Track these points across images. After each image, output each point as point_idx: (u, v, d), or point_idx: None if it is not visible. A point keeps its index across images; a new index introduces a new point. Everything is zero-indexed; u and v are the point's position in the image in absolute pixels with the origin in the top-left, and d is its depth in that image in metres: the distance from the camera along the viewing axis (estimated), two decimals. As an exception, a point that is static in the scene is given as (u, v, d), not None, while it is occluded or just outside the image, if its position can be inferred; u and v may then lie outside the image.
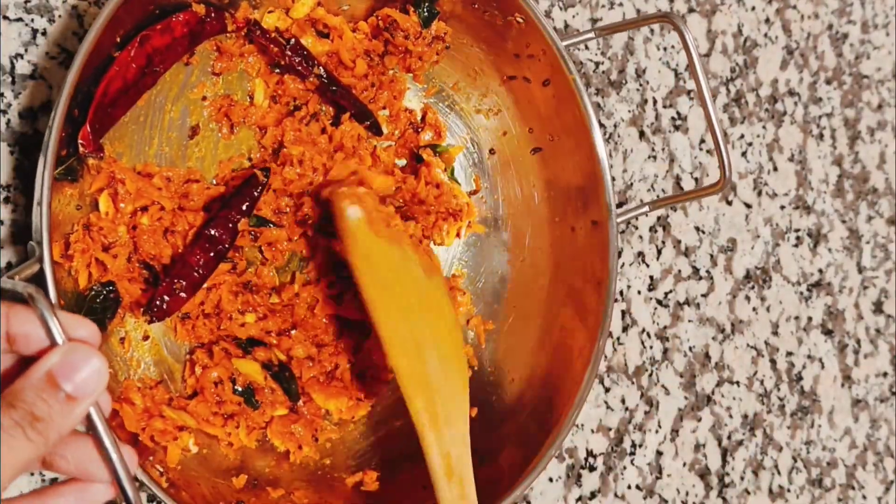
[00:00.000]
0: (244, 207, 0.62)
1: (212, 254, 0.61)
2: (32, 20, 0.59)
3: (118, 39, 0.56)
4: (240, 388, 0.63)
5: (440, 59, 0.68)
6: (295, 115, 0.64)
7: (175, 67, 0.61)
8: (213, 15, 0.60)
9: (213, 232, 0.61)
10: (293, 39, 0.63)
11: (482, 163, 0.71)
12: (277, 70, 0.64)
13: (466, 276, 0.71)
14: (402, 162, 0.69)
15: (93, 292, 0.58)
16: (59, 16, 0.60)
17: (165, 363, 0.62)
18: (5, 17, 0.58)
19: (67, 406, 0.42)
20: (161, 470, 0.58)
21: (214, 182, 0.63)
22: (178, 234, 0.61)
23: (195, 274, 0.60)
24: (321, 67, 0.64)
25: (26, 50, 0.59)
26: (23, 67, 0.58)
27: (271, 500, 0.62)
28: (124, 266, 0.59)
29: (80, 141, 0.54)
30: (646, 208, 0.69)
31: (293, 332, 0.64)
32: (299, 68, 0.63)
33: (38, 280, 0.50)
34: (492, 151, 0.71)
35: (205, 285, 0.62)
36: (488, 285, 0.72)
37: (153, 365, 0.61)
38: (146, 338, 0.61)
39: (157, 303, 0.59)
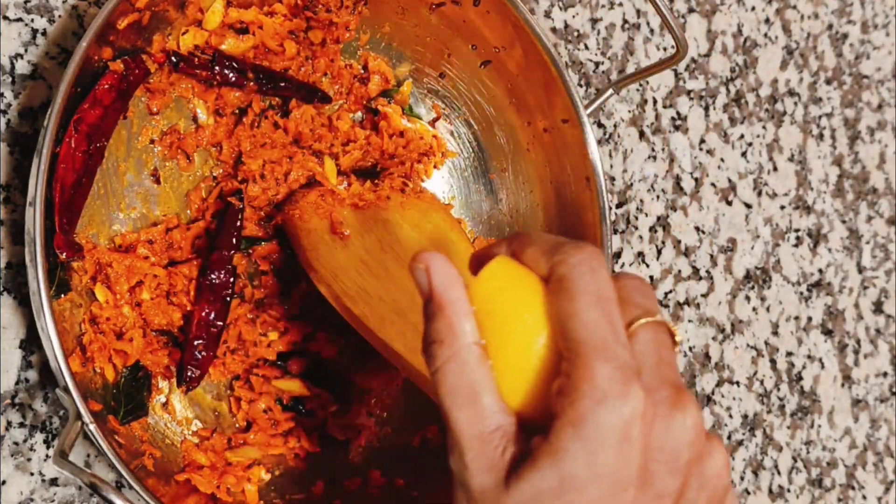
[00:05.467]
0: (232, 241, 0.62)
1: (219, 302, 0.61)
2: (32, 20, 0.59)
3: (54, 136, 0.55)
4: (288, 405, 0.64)
5: (362, 12, 0.67)
6: (244, 122, 0.63)
7: (115, 128, 0.60)
8: (132, 65, 0.58)
9: (212, 278, 0.61)
10: (215, 53, 0.61)
11: (436, 89, 0.70)
12: (213, 85, 0.63)
13: (458, 200, 0.71)
14: (359, 115, 0.68)
15: (123, 379, 0.59)
16: (59, 16, 0.60)
17: (210, 406, 0.63)
18: (5, 17, 0.58)
19: None
20: None
21: (192, 218, 0.63)
22: (181, 293, 0.61)
23: (211, 328, 0.61)
24: (252, 70, 0.63)
25: (26, 50, 0.59)
26: (23, 67, 0.58)
27: (353, 494, 0.63)
28: (142, 343, 0.60)
29: (56, 250, 0.54)
30: (610, 91, 0.68)
31: (317, 334, 0.65)
32: (233, 80, 0.62)
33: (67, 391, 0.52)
34: (441, 75, 0.70)
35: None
36: (480, 203, 0.71)
37: (201, 413, 0.62)
38: (185, 391, 0.62)
39: (188, 374, 0.60)
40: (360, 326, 0.61)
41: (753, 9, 0.87)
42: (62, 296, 0.57)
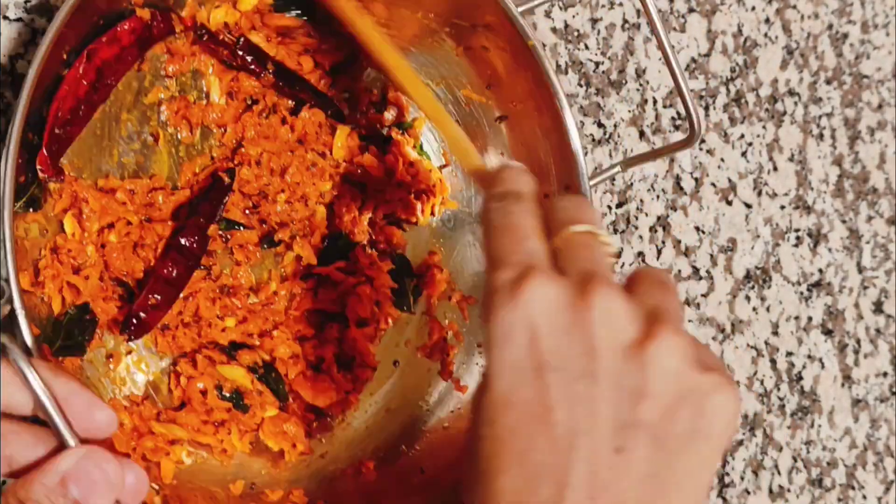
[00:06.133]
0: (214, 213, 0.61)
1: (184, 264, 0.60)
2: (32, 20, 0.59)
3: (65, 57, 0.54)
4: (227, 394, 0.62)
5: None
6: (253, 110, 0.63)
7: (127, 76, 0.59)
8: (159, 18, 0.58)
9: (183, 241, 0.60)
10: (242, 38, 0.61)
11: None
12: (232, 66, 0.63)
13: (443, 254, 0.71)
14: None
15: (68, 316, 0.57)
16: (59, 16, 0.60)
17: (150, 377, 0.61)
18: (5, 17, 0.58)
19: None
20: (157, 487, 0.58)
21: (179, 187, 0.62)
22: (148, 247, 0.60)
23: (169, 286, 0.59)
24: (273, 63, 0.62)
25: (26, 50, 0.59)
26: (23, 67, 0.58)
27: (271, 503, 0.62)
28: (97, 286, 0.58)
29: (38, 167, 0.53)
30: (617, 168, 0.68)
31: (275, 332, 0.64)
32: (252, 67, 0.62)
33: (12, 321, 0.50)
34: (456, 122, 0.70)
35: (181, 295, 0.61)
36: (467, 260, 0.71)
37: (138, 380, 0.61)
38: (128, 352, 0.60)
39: (134, 320, 0.58)
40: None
41: (753, 9, 0.87)
42: (30, 210, 0.55)
